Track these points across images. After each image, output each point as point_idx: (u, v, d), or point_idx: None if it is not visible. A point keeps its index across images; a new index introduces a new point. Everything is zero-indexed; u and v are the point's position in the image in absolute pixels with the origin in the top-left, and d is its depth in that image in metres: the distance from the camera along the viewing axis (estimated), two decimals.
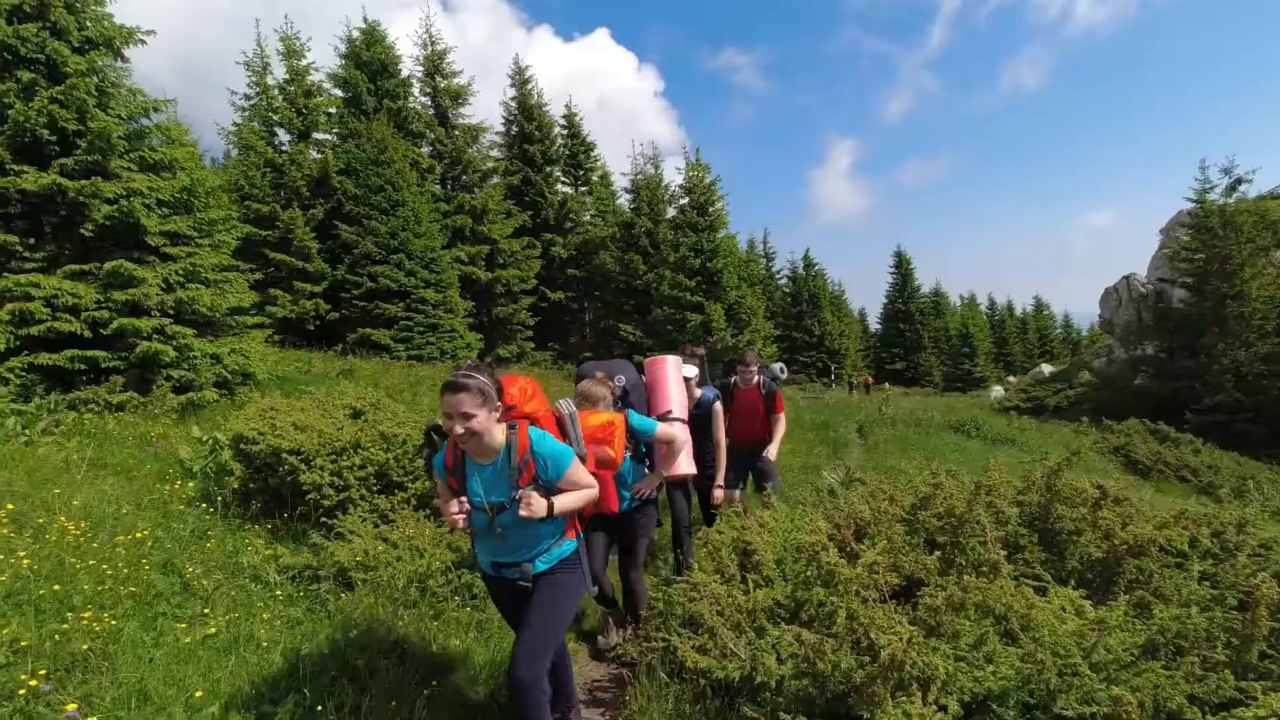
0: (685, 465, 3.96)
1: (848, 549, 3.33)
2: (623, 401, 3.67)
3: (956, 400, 30.65)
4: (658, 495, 3.94)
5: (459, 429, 2.36)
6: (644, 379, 4.24)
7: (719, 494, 4.84)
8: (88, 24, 9.31)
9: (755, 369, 5.49)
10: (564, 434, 2.76)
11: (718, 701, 2.82)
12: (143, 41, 9.66)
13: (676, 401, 4.14)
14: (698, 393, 4.83)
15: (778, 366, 5.86)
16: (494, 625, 3.87)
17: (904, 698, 2.21)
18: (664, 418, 4.00)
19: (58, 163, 8.75)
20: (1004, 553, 3.04)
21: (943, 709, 2.21)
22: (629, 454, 3.50)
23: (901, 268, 52.70)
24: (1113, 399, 21.24)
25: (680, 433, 3.87)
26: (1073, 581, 3.07)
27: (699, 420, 4.71)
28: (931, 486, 3.85)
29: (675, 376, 4.25)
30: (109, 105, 9.25)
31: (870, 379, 41.68)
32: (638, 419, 3.58)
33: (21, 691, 2.67)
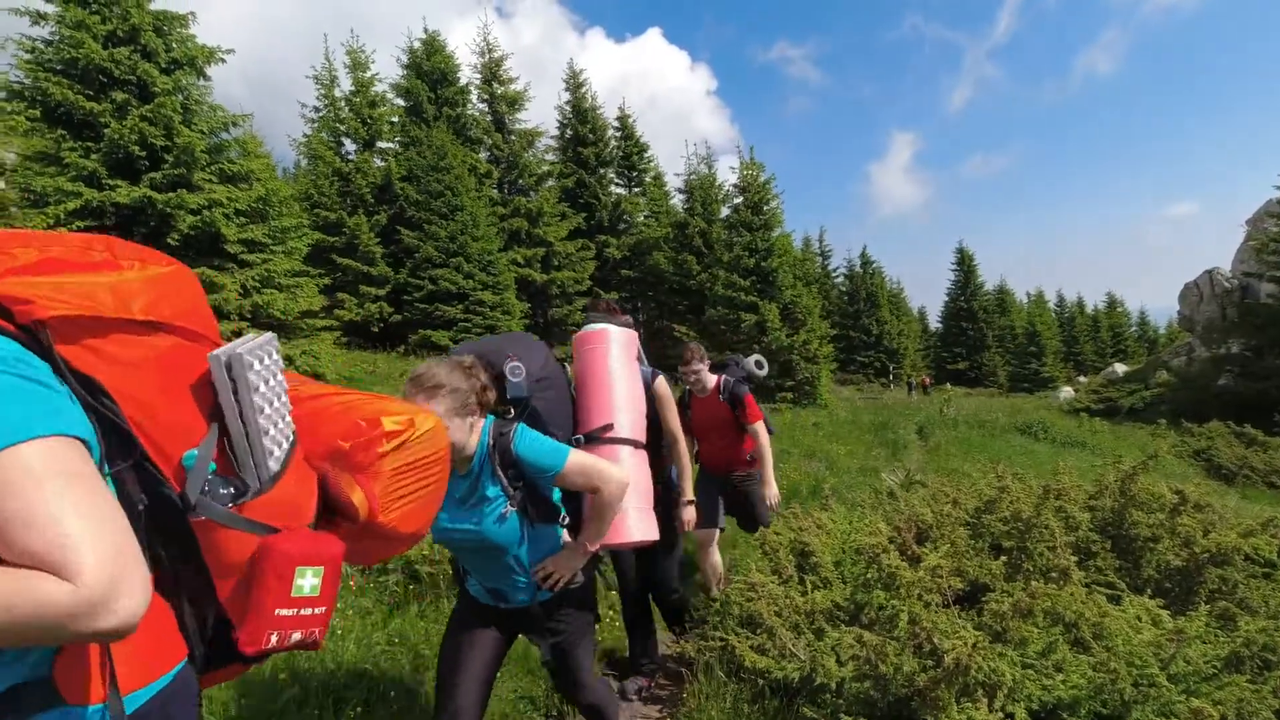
0: (638, 528, 2.30)
1: (909, 552, 3.29)
2: (518, 408, 2.14)
3: (1023, 401, 29.53)
4: (594, 574, 2.37)
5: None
6: (573, 370, 2.56)
7: (689, 514, 3.36)
8: (174, 45, 9.90)
9: (703, 367, 4.13)
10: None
11: (776, 702, 2.82)
12: (223, 60, 10.21)
13: (624, 409, 2.38)
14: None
15: (753, 360, 4.50)
16: None
17: (968, 703, 2.18)
18: (597, 437, 2.34)
19: (147, 177, 9.33)
20: (1074, 559, 2.96)
21: (1009, 716, 2.18)
22: (511, 507, 1.99)
23: (964, 264, 51.08)
24: (1193, 400, 20.12)
25: (621, 469, 2.14)
26: (1149, 590, 2.95)
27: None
28: (997, 490, 3.75)
29: (624, 365, 2.47)
30: (193, 121, 9.81)
31: (928, 379, 40.54)
32: (529, 442, 1.98)
33: None
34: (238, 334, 9.38)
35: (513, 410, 2.12)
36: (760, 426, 4.11)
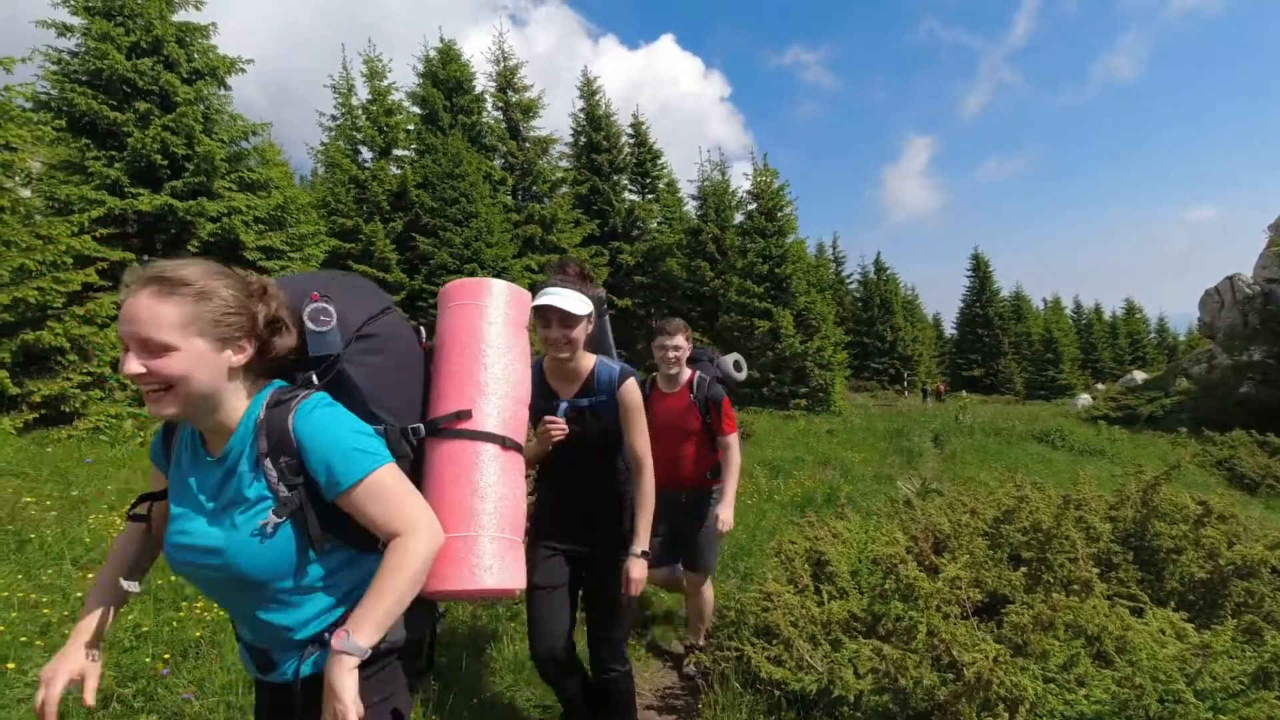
0: (493, 570, 1.51)
1: (926, 562, 3.26)
2: (320, 369, 1.40)
3: (1040, 408, 29.20)
4: (414, 648, 1.58)
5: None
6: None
7: (638, 571, 2.40)
8: (195, 56, 10.07)
9: (687, 348, 3.39)
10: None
11: (793, 714, 2.81)
12: (243, 70, 10.37)
13: (493, 392, 1.66)
14: (586, 365, 2.43)
15: (732, 359, 3.81)
16: None
17: (989, 718, 2.15)
18: (442, 427, 1.59)
19: (169, 185, 9.48)
20: (1096, 570, 2.92)
21: None
22: (278, 516, 1.25)
23: (979, 270, 50.67)
24: (1214, 408, 19.81)
25: (434, 524, 1.36)
26: (1172, 603, 2.91)
27: (594, 429, 2.43)
28: (1015, 499, 3.71)
29: (504, 333, 1.75)
30: (213, 130, 9.97)
31: (942, 386, 40.20)
32: (318, 423, 1.29)
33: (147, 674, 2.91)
34: None
35: (314, 374, 1.38)
36: (735, 440, 3.47)
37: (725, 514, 3.45)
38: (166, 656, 3.10)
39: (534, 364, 2.38)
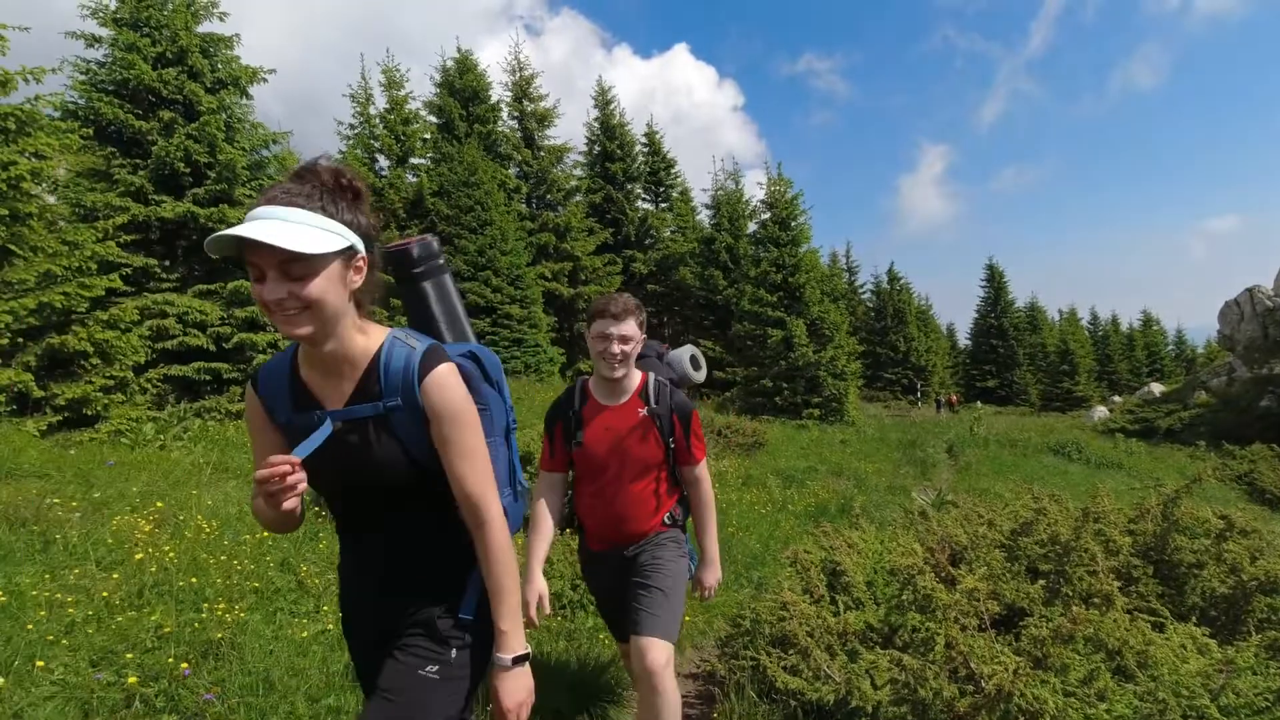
0: None
1: (943, 574, 3.24)
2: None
3: (1055, 420, 28.93)
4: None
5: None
6: None
7: (513, 697, 1.41)
8: (219, 66, 10.26)
9: (637, 340, 2.36)
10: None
11: None
12: (264, 80, 10.55)
13: None
14: (363, 346, 1.37)
15: (687, 353, 2.93)
16: (583, 635, 3.97)
17: None
18: None
19: (191, 192, 9.64)
20: (1116, 584, 2.90)
21: None
22: None
23: (994, 281, 50.33)
24: (1234, 421, 19.54)
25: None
26: (1194, 618, 2.88)
27: (383, 457, 1.39)
28: (1034, 511, 3.69)
29: None
30: (235, 139, 10.13)
31: (956, 397, 39.89)
32: None
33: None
34: (273, 345, 9.58)
35: None
36: (705, 470, 2.48)
37: (710, 578, 2.51)
38: (189, 659, 3.14)
39: (286, 353, 1.45)
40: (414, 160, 23.64)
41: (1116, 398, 38.32)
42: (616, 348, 2.29)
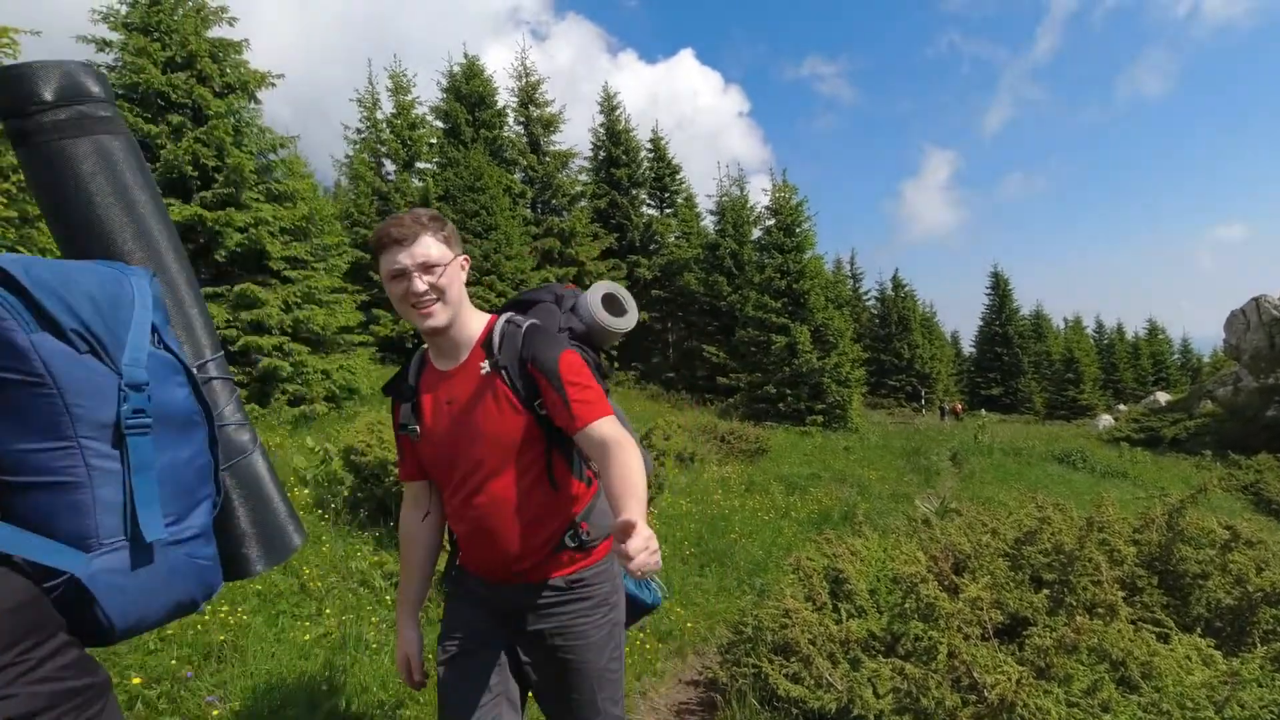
0: None
1: (946, 582, 3.23)
2: None
3: (1060, 429, 28.81)
4: None
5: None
6: None
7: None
8: (228, 70, 10.32)
9: (447, 266, 1.58)
10: None
11: None
12: (273, 84, 10.61)
13: None
14: None
15: (601, 291, 1.88)
16: None
17: None
18: None
19: (198, 195, 9.69)
20: (1120, 594, 2.88)
21: None
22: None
23: (999, 288, 50.25)
24: (1240, 431, 19.44)
25: None
26: (1199, 629, 2.86)
27: None
28: (1037, 520, 3.68)
29: None
30: (243, 143, 10.19)
31: (960, 405, 39.76)
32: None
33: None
34: (278, 348, 9.61)
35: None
36: (612, 427, 1.52)
37: (635, 547, 1.16)
38: (191, 663, 3.15)
39: None
40: (420, 164, 23.75)
41: (1122, 406, 38.18)
42: (420, 282, 1.53)
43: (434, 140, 24.16)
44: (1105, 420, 30.13)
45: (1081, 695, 2.34)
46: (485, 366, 1.60)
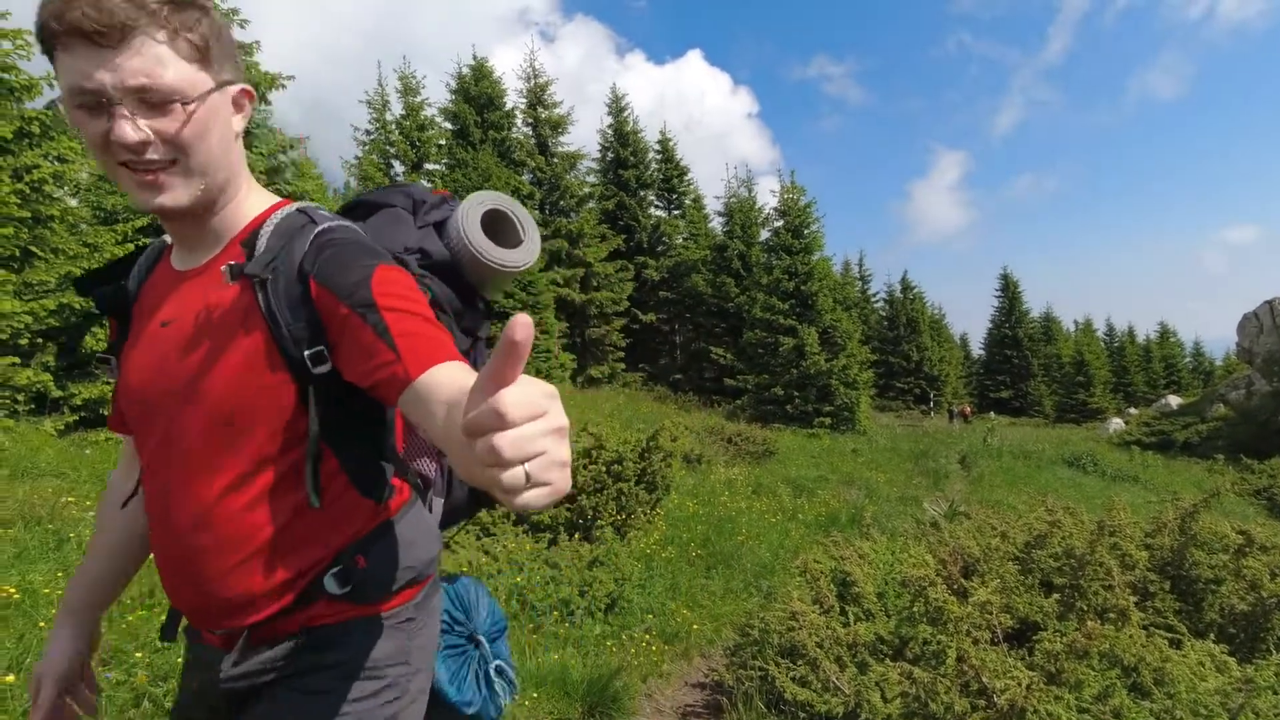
0: None
1: (955, 586, 3.21)
2: None
3: (1070, 432, 28.65)
4: None
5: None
6: None
7: None
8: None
9: (178, 95, 0.85)
10: None
11: None
12: (283, 86, 10.66)
13: None
14: None
15: (479, 204, 1.28)
16: (590, 643, 3.96)
17: None
18: None
19: None
20: (1132, 599, 2.85)
21: None
22: None
23: (1008, 291, 50.03)
24: (1253, 435, 19.25)
25: None
26: (1212, 635, 2.83)
27: None
28: (1048, 524, 3.64)
29: None
30: (253, 144, 10.24)
31: (969, 407, 39.60)
32: None
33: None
34: None
35: None
36: (467, 378, 0.74)
37: (513, 407, 0.53)
38: None
39: None
40: (429, 166, 23.83)
41: (1132, 410, 37.87)
42: (130, 132, 0.84)
43: (443, 141, 24.26)
44: (1116, 424, 29.90)
45: (1093, 701, 2.31)
46: (228, 274, 0.90)
